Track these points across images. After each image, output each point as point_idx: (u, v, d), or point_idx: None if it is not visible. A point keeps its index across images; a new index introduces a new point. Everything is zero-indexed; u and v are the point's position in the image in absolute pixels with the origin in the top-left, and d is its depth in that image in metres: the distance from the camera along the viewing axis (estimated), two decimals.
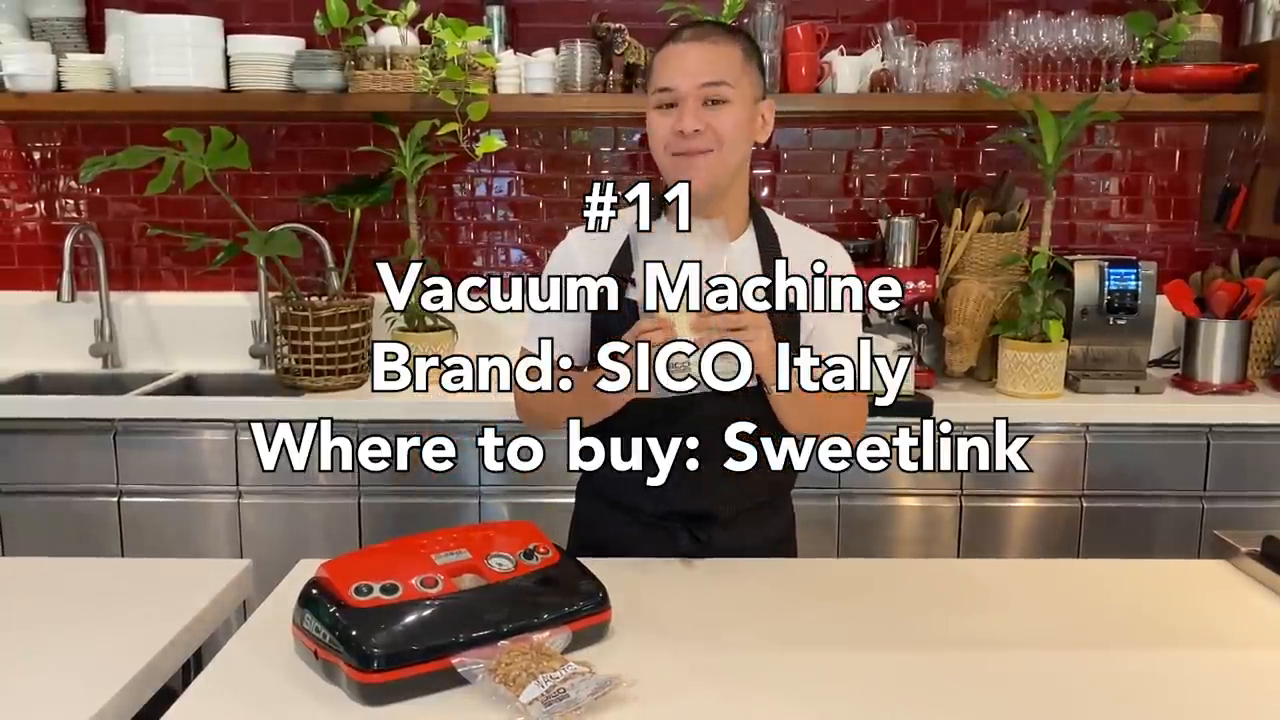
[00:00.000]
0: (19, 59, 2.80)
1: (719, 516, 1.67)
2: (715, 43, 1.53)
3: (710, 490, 1.65)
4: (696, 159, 1.52)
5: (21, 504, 2.69)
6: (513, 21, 3.03)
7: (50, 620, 1.39)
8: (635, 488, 1.66)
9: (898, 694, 1.23)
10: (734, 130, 1.53)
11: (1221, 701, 1.23)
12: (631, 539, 1.69)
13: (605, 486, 1.74)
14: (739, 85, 1.53)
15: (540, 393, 1.67)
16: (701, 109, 1.51)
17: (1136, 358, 2.88)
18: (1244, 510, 2.66)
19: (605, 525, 1.74)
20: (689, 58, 1.52)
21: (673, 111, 1.53)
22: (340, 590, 1.25)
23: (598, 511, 1.77)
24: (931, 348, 2.98)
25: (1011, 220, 2.88)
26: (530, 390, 1.69)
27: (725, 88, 1.51)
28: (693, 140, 1.51)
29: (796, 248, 1.66)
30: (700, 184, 1.53)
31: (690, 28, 1.57)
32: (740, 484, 1.66)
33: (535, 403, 1.70)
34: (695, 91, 1.51)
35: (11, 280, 3.22)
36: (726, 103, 1.52)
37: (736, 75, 1.53)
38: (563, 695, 1.13)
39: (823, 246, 1.69)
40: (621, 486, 1.69)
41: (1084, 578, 1.62)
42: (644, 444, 1.62)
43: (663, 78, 1.53)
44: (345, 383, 2.80)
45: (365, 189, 3.01)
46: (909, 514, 2.69)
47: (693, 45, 1.52)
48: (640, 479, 1.64)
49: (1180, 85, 2.81)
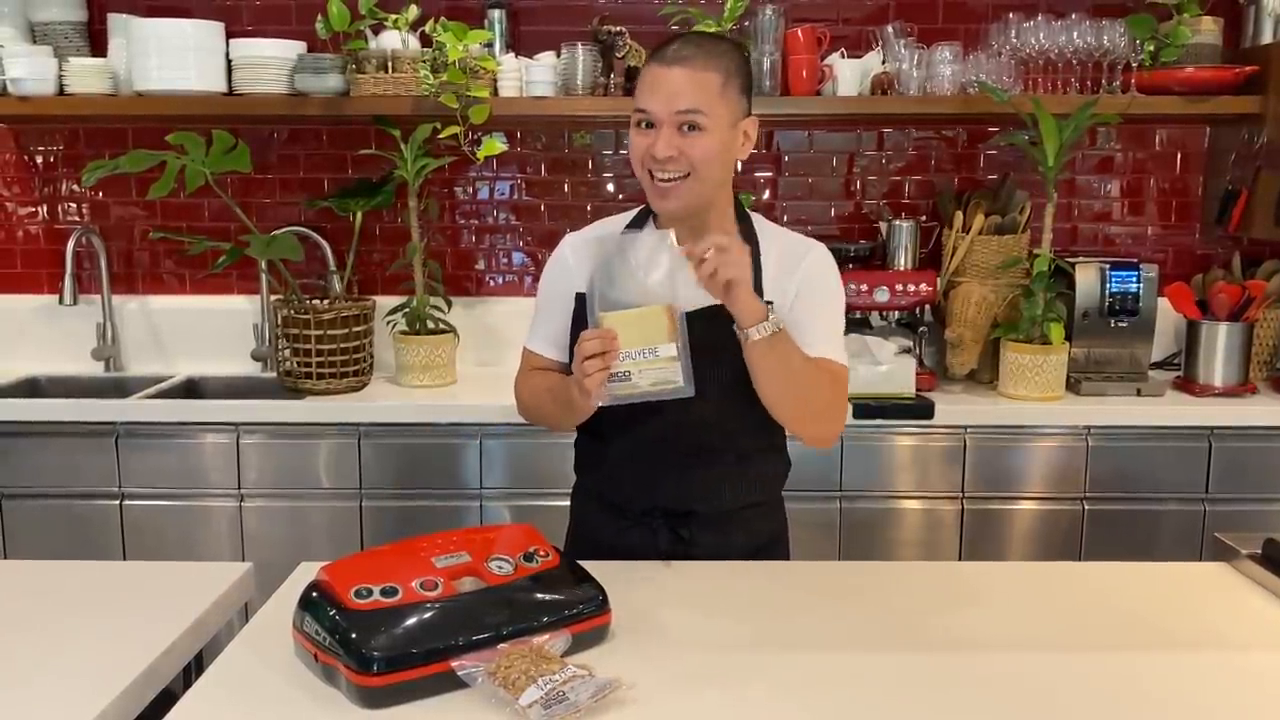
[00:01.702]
0: (21, 63, 2.81)
1: (701, 514, 1.69)
2: (695, 68, 1.55)
3: (692, 487, 1.68)
4: (671, 187, 1.57)
5: (23, 507, 2.69)
6: (514, 25, 3.03)
7: (52, 623, 1.40)
8: (620, 484, 1.72)
9: (898, 696, 1.23)
10: (706, 156, 1.56)
11: (1222, 704, 1.23)
12: (616, 537, 1.72)
13: (594, 484, 1.79)
14: (714, 112, 1.56)
15: (535, 398, 1.75)
16: (676, 134, 1.55)
17: (1138, 360, 2.88)
18: (1245, 513, 2.65)
19: (595, 525, 1.77)
20: (667, 83, 1.55)
21: (651, 132, 1.57)
22: (340, 593, 1.25)
23: (589, 512, 1.80)
24: (933, 350, 2.98)
25: (1012, 223, 2.88)
26: (526, 393, 1.78)
27: (699, 115, 1.55)
28: (666, 165, 1.56)
29: (776, 248, 1.70)
30: (676, 208, 1.59)
31: (676, 44, 1.59)
32: (723, 481, 1.68)
33: (529, 406, 1.79)
34: (670, 118, 1.55)
35: (14, 283, 3.23)
36: (701, 129, 1.55)
37: (713, 102, 1.56)
38: (562, 698, 1.13)
39: (803, 246, 1.72)
40: (607, 482, 1.75)
41: (1085, 580, 1.62)
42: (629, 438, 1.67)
43: (642, 99, 1.58)
44: (347, 385, 2.80)
45: (367, 192, 3.01)
46: (910, 517, 2.69)
47: (674, 70, 1.55)
48: (624, 474, 1.70)
49: (1181, 88, 2.81)
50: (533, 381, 1.76)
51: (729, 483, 1.69)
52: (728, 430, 1.67)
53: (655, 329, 1.46)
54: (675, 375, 1.47)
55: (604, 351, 1.45)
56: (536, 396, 1.74)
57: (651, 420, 1.62)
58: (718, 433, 1.66)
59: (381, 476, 2.67)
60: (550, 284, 1.77)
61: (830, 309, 1.70)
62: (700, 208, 1.62)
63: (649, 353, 1.47)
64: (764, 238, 1.71)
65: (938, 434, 2.66)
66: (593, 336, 1.46)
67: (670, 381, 1.47)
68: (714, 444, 1.67)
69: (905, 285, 2.79)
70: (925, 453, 2.67)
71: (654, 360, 1.47)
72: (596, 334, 1.46)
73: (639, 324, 1.46)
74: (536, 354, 1.78)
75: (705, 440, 1.66)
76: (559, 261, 1.76)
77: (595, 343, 1.45)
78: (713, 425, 1.65)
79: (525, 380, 1.79)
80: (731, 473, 1.69)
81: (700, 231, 1.58)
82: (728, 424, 1.66)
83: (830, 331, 1.68)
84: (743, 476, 1.70)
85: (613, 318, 1.47)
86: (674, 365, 1.47)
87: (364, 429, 2.66)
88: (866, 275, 2.81)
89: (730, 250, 1.47)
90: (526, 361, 1.80)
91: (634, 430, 1.66)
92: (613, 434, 1.70)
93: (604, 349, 1.45)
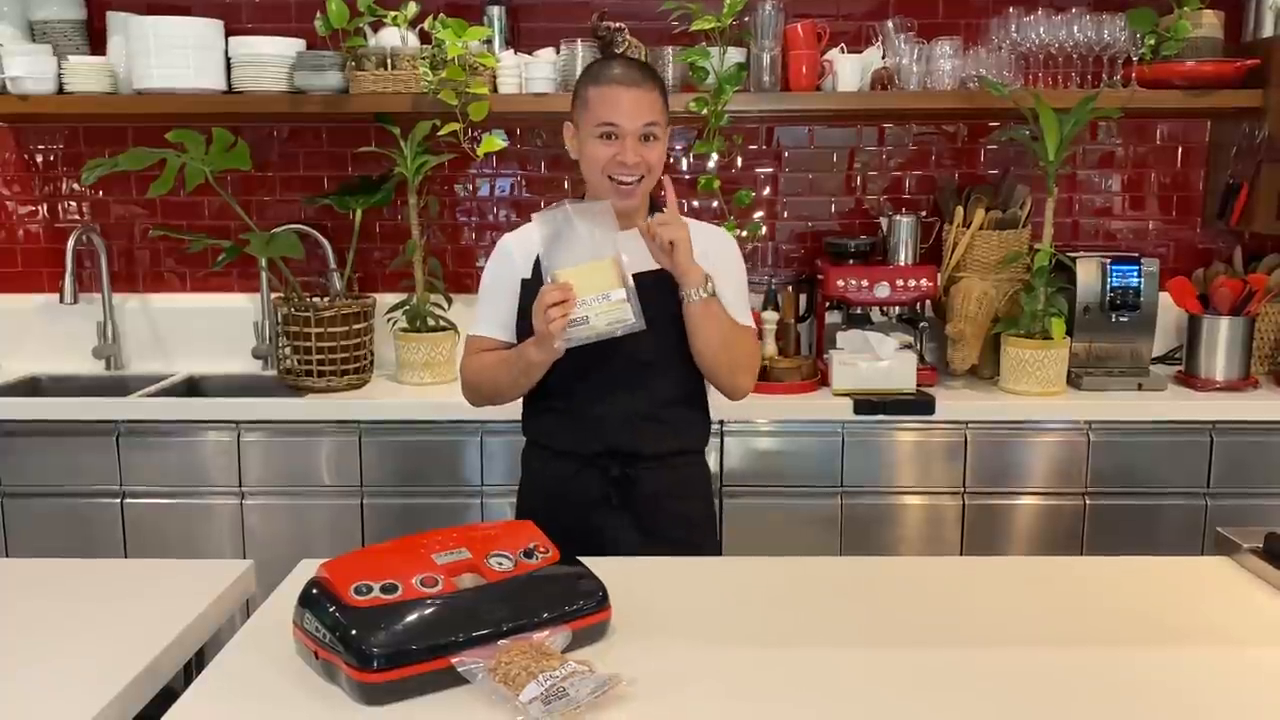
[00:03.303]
0: (21, 62, 2.81)
1: (645, 454, 1.90)
2: (647, 89, 1.84)
3: (638, 428, 1.89)
4: (631, 189, 1.85)
5: (25, 505, 2.70)
6: (513, 21, 3.03)
7: (53, 621, 1.40)
8: (568, 430, 1.92)
9: (899, 691, 1.23)
10: (659, 160, 1.87)
11: (1224, 698, 1.22)
12: (562, 482, 1.93)
13: (542, 435, 1.99)
14: (663, 123, 1.87)
15: (484, 372, 1.94)
16: (639, 144, 1.83)
17: (1139, 355, 2.88)
18: (1247, 507, 2.65)
19: (543, 474, 1.98)
20: (630, 101, 1.82)
21: (614, 143, 1.83)
22: (340, 590, 1.25)
23: (538, 463, 2.00)
24: (934, 345, 2.98)
25: (1013, 218, 2.87)
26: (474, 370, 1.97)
27: (656, 127, 1.85)
28: (633, 170, 1.83)
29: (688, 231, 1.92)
30: (634, 205, 1.87)
31: (619, 68, 1.86)
32: (665, 425, 1.92)
33: (481, 380, 1.96)
34: (636, 130, 1.82)
35: (14, 283, 3.23)
36: (657, 139, 1.86)
37: (662, 115, 1.86)
38: (562, 694, 1.13)
39: (710, 232, 2.02)
40: (556, 431, 1.95)
41: (1087, 575, 1.62)
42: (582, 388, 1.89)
43: (606, 114, 1.83)
44: (347, 383, 2.80)
45: (367, 189, 3.01)
46: (912, 512, 2.69)
47: (631, 90, 1.82)
48: (573, 421, 1.91)
49: (1182, 81, 2.80)
50: (482, 360, 1.95)
51: (666, 425, 1.92)
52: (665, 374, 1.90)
53: (605, 278, 1.71)
54: (627, 314, 1.71)
55: (563, 300, 1.68)
56: (488, 370, 1.93)
57: (596, 371, 1.85)
58: (656, 377, 1.89)
59: (382, 474, 2.67)
60: (494, 275, 1.98)
61: (739, 283, 2.00)
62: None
63: (602, 298, 1.71)
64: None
65: (939, 429, 2.66)
66: (551, 288, 1.70)
67: (623, 320, 1.71)
68: (653, 386, 1.90)
69: (906, 281, 2.79)
70: (926, 448, 2.67)
71: (607, 304, 1.71)
72: (554, 286, 1.70)
73: (591, 275, 1.71)
74: (485, 337, 1.96)
75: (646, 383, 1.89)
76: (501, 253, 1.98)
77: (556, 293, 1.69)
78: (652, 369, 1.88)
79: (473, 361, 1.97)
80: (669, 414, 1.92)
81: (634, 217, 1.88)
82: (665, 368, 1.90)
83: (741, 302, 1.98)
84: (679, 419, 1.95)
85: (567, 272, 1.71)
86: (625, 305, 1.71)
87: (364, 426, 2.66)
88: (867, 271, 2.81)
89: (670, 220, 1.79)
90: (472, 346, 1.99)
91: (581, 382, 1.88)
92: (559, 389, 1.89)
93: (563, 298, 1.69)
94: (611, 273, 1.71)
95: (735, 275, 1.99)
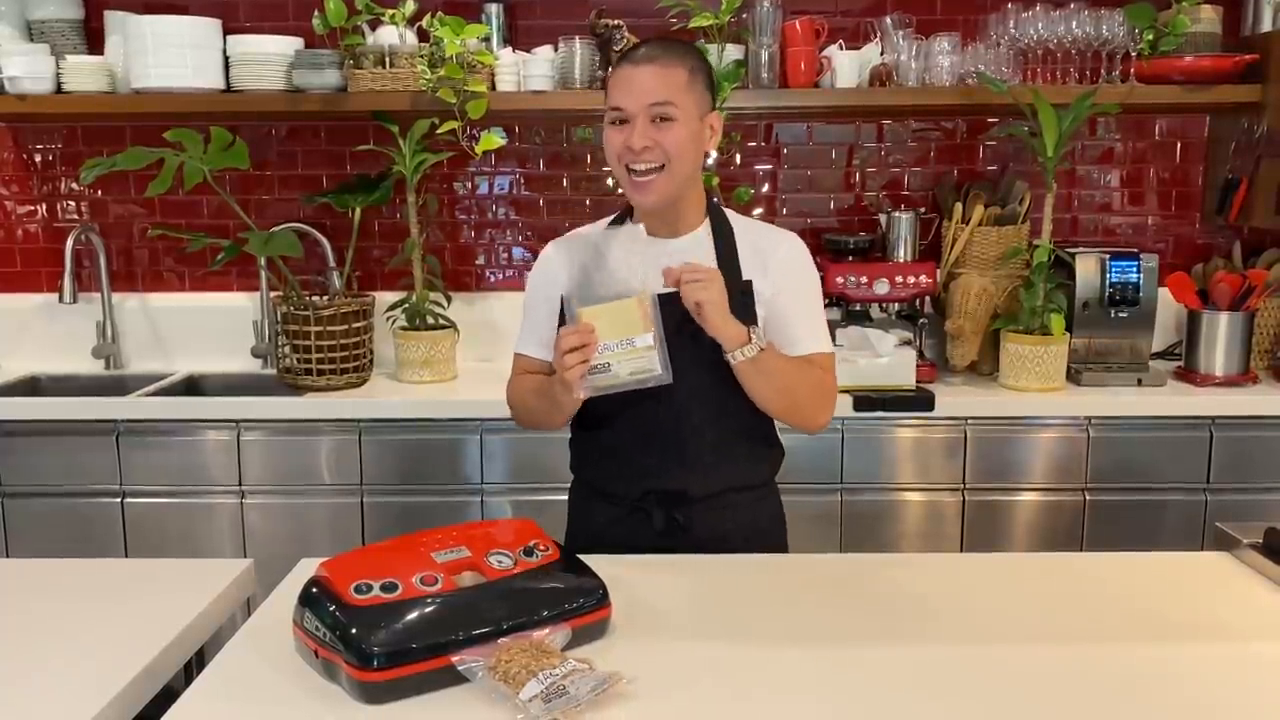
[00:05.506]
0: (19, 61, 2.81)
1: (694, 496, 1.72)
2: (663, 65, 1.64)
3: (684, 469, 1.71)
4: (648, 181, 1.65)
5: (25, 505, 2.69)
6: (511, 19, 3.02)
7: (53, 621, 1.40)
8: (612, 472, 1.75)
9: (899, 688, 1.23)
10: (679, 145, 1.64)
11: (1224, 693, 1.22)
12: (613, 526, 1.75)
13: (589, 478, 1.83)
14: (683, 104, 1.64)
15: (524, 399, 1.79)
16: (650, 126, 1.62)
17: (1139, 350, 2.88)
18: (1247, 502, 2.65)
19: (592, 518, 1.80)
20: (638, 80, 1.63)
21: (625, 128, 1.64)
22: (340, 589, 1.25)
23: (585, 504, 1.83)
24: (933, 342, 2.98)
25: (1012, 214, 2.87)
26: (515, 395, 1.82)
27: (670, 107, 1.62)
28: (642, 155, 1.63)
29: (749, 239, 1.76)
30: (653, 200, 1.66)
31: (644, 47, 1.68)
32: (710, 462, 1.71)
33: (520, 408, 1.82)
34: (644, 110, 1.63)
35: (13, 282, 3.23)
36: (672, 120, 1.63)
37: (681, 94, 1.64)
38: (562, 692, 1.13)
39: (776, 237, 1.79)
40: (600, 473, 1.79)
41: (1087, 571, 1.62)
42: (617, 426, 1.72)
43: (615, 97, 1.65)
44: (347, 382, 2.80)
45: (366, 188, 3.00)
46: (912, 509, 2.69)
47: (642, 68, 1.64)
48: (615, 462, 1.74)
49: (1181, 77, 2.80)
50: (522, 384, 1.80)
51: (716, 463, 1.72)
52: (710, 410, 1.70)
53: (631, 320, 1.52)
54: (654, 364, 1.53)
55: (582, 345, 1.51)
56: (525, 398, 1.78)
57: (638, 407, 1.66)
58: (700, 414, 1.69)
59: (382, 472, 2.67)
60: (535, 288, 1.82)
61: (811, 300, 1.77)
62: (675, 198, 1.69)
63: (626, 344, 1.53)
64: (737, 229, 1.76)
65: (938, 426, 2.65)
66: (570, 331, 1.53)
67: (649, 370, 1.53)
68: (697, 424, 1.70)
69: (905, 277, 2.79)
70: (926, 444, 2.66)
71: (631, 350, 1.53)
72: (573, 329, 1.53)
73: (615, 316, 1.53)
74: (527, 356, 1.82)
75: (689, 420, 1.69)
76: (543, 265, 1.81)
77: (573, 337, 1.52)
78: (695, 405, 1.69)
79: (515, 384, 1.83)
80: (718, 453, 1.72)
81: (674, 224, 1.71)
82: (710, 404, 1.69)
83: (814, 325, 1.75)
84: (729, 457, 1.73)
85: (589, 312, 1.53)
86: (651, 354, 1.53)
87: (364, 425, 2.66)
88: (866, 267, 2.81)
89: (699, 273, 1.56)
90: (517, 366, 1.84)
91: (621, 418, 1.71)
92: (601, 425, 1.74)
93: (581, 342, 1.51)
94: (636, 314, 1.52)
95: (804, 290, 1.76)
